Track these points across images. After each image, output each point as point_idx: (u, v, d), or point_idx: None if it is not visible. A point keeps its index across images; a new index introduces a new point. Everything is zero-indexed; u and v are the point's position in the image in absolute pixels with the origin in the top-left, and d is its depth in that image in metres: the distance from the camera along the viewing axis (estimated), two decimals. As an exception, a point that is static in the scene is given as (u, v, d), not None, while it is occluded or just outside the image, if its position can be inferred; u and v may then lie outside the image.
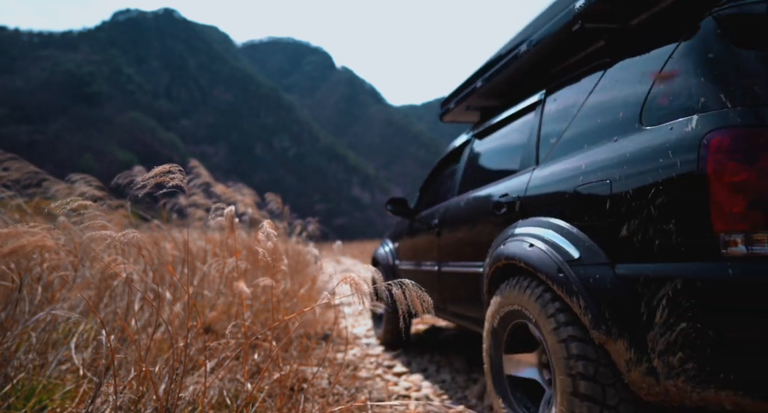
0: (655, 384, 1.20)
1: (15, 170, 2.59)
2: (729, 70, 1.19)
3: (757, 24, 1.26)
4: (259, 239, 1.50)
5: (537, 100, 2.10)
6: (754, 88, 1.13)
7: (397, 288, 1.27)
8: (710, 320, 1.06)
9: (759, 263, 1.02)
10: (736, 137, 1.07)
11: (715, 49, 1.25)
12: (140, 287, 2.64)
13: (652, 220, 1.21)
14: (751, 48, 1.21)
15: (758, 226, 1.03)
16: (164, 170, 1.38)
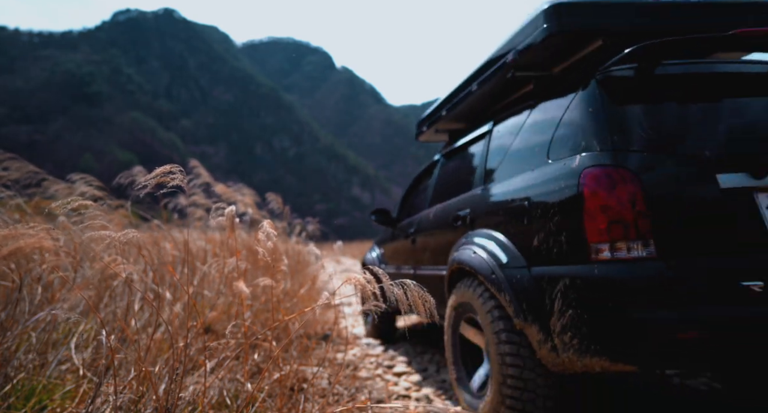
0: (557, 358, 1.57)
1: (15, 169, 2.59)
2: (601, 122, 1.59)
3: (625, 86, 1.67)
4: (259, 239, 1.50)
5: (486, 130, 2.51)
6: (615, 137, 1.54)
7: (398, 289, 1.29)
8: (585, 307, 1.45)
9: (616, 265, 1.42)
10: (601, 172, 1.48)
11: (594, 105, 1.65)
12: (140, 287, 2.64)
13: (551, 233, 1.60)
14: (620, 104, 1.63)
15: (617, 238, 1.43)
16: (165, 170, 1.38)
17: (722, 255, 1.43)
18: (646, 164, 1.49)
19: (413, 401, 2.51)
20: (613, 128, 1.56)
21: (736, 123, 1.64)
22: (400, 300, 1.28)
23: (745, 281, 1.35)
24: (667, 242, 1.42)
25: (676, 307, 1.35)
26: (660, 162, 1.50)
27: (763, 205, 1.47)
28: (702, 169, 1.48)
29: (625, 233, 1.44)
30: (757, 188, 1.48)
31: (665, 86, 1.70)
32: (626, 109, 1.63)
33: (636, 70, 1.67)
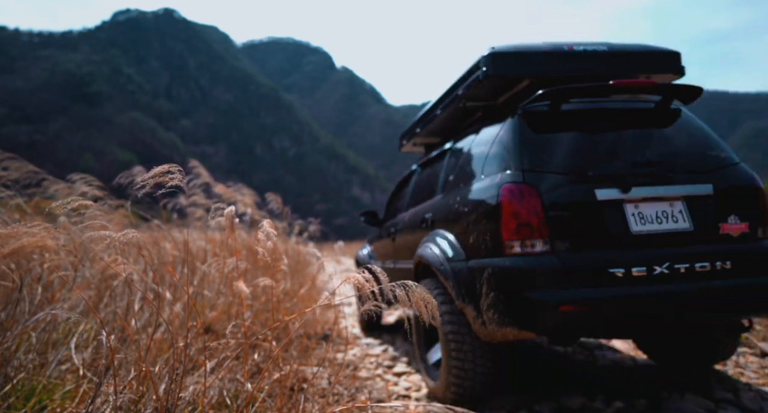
0: (485, 330, 1.99)
1: (15, 169, 2.58)
2: (518, 148, 2.09)
3: (538, 119, 2.18)
4: (259, 239, 1.50)
5: (448, 147, 3.03)
6: (525, 161, 2.04)
7: (400, 289, 1.29)
8: (501, 290, 1.93)
9: (522, 257, 1.90)
10: (514, 187, 1.96)
11: (515, 134, 2.15)
12: (140, 287, 2.64)
13: (481, 233, 2.08)
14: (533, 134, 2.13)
15: (524, 237, 1.90)
16: (164, 170, 1.38)
17: (597, 250, 1.92)
18: (545, 182, 1.98)
19: (413, 401, 2.51)
20: (525, 153, 2.07)
21: (611, 149, 2.17)
22: (402, 301, 1.29)
23: (612, 269, 1.85)
24: (558, 241, 1.91)
25: (562, 289, 1.83)
26: (555, 180, 1.99)
27: (629, 212, 1.98)
28: (585, 185, 1.97)
29: (529, 233, 1.92)
30: (625, 200, 1.98)
31: (564, 120, 2.23)
32: (537, 138, 2.15)
33: (547, 107, 2.20)
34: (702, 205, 2.05)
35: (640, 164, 2.10)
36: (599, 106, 2.31)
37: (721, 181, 2.09)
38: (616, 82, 2.07)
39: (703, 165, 2.14)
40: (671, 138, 2.27)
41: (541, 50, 2.40)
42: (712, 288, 1.88)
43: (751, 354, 3.04)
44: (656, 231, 1.98)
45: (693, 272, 1.89)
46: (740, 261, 1.94)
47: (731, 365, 2.85)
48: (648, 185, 2.02)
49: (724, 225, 2.06)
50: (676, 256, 1.91)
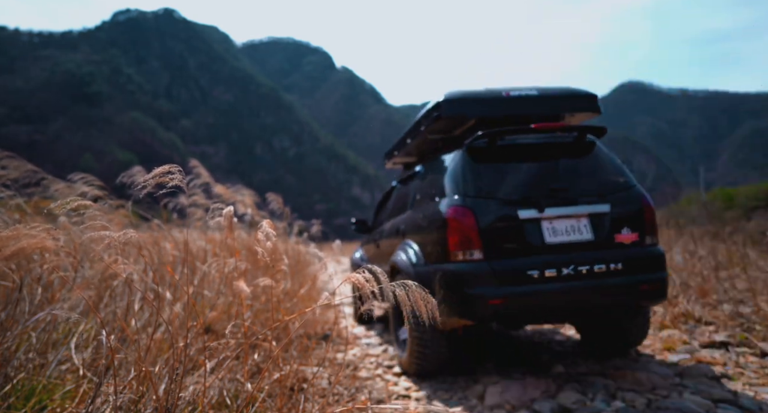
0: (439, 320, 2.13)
1: (14, 168, 2.58)
2: (462, 177, 2.62)
3: (479, 153, 2.71)
4: (259, 239, 1.50)
5: (418, 170, 3.57)
6: (466, 187, 2.58)
7: (400, 289, 1.29)
8: (448, 288, 2.46)
9: (462, 263, 2.43)
10: (457, 209, 2.49)
11: (461, 165, 2.69)
12: (140, 287, 2.63)
13: (434, 243, 2.64)
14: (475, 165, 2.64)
15: (465, 248, 2.42)
16: (164, 170, 1.38)
17: (519, 257, 2.47)
18: (480, 205, 2.52)
19: (413, 401, 2.51)
20: (467, 181, 2.62)
21: (533, 177, 2.69)
22: (402, 301, 1.30)
23: (529, 271, 2.41)
24: (488, 250, 2.46)
25: (490, 286, 2.39)
26: (487, 203, 2.54)
27: (545, 227, 2.53)
28: (510, 207, 2.52)
29: (469, 245, 2.45)
30: (541, 218, 2.53)
31: (499, 154, 2.78)
32: (476, 168, 2.68)
33: (485, 144, 2.76)
34: (602, 220, 2.62)
35: (555, 188, 2.64)
36: (527, 141, 2.87)
37: (617, 201, 2.66)
38: (535, 126, 2.69)
39: (605, 189, 2.71)
40: (582, 166, 2.82)
41: (483, 96, 2.99)
42: (605, 285, 2.49)
43: (751, 354, 3.04)
44: (565, 241, 2.56)
45: (592, 273, 2.47)
46: (630, 263, 2.54)
47: (731, 365, 2.85)
48: (559, 205, 2.57)
49: (618, 235, 2.63)
50: (579, 260, 2.48)
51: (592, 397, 2.40)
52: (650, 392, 2.44)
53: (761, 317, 3.49)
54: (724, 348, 3.17)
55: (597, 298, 2.52)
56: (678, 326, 3.82)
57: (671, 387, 2.50)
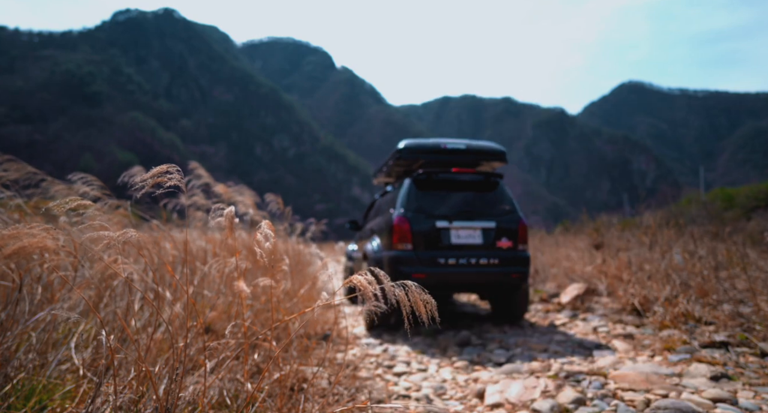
0: None
1: (14, 170, 2.58)
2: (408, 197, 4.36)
3: (421, 182, 4.47)
4: (258, 240, 1.50)
5: (388, 189, 5.27)
6: (407, 205, 4.34)
7: (399, 289, 1.29)
8: (389, 265, 4.16)
9: (400, 252, 4.18)
10: (400, 218, 4.24)
11: (408, 189, 4.43)
12: (140, 287, 2.63)
13: (386, 238, 4.37)
14: (417, 190, 4.40)
15: (402, 242, 4.15)
16: (162, 170, 1.38)
17: (434, 251, 4.14)
18: (414, 217, 4.16)
19: (413, 401, 2.51)
20: (409, 200, 4.22)
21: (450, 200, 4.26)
22: (402, 301, 1.30)
23: (439, 260, 4.11)
24: (416, 245, 4.13)
25: (415, 266, 4.09)
26: (418, 216, 4.16)
27: (452, 233, 4.18)
28: (432, 219, 4.17)
29: (404, 241, 4.11)
30: (451, 227, 4.19)
31: (433, 184, 4.40)
32: (417, 192, 4.27)
33: (425, 177, 4.42)
34: (489, 232, 4.31)
35: (463, 209, 4.36)
36: (452, 178, 4.58)
37: (501, 221, 4.37)
38: (455, 169, 4.54)
39: (495, 212, 4.45)
40: (484, 197, 4.53)
41: (429, 146, 4.70)
42: (487, 272, 4.14)
43: (751, 354, 3.03)
44: (464, 243, 4.25)
45: (479, 264, 4.15)
46: (504, 260, 4.24)
47: (731, 365, 2.85)
48: (463, 220, 4.28)
49: (498, 242, 4.31)
50: (472, 256, 4.16)
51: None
52: (648, 392, 2.44)
53: (761, 317, 3.49)
54: (724, 348, 3.17)
55: (482, 279, 4.21)
56: (678, 326, 3.82)
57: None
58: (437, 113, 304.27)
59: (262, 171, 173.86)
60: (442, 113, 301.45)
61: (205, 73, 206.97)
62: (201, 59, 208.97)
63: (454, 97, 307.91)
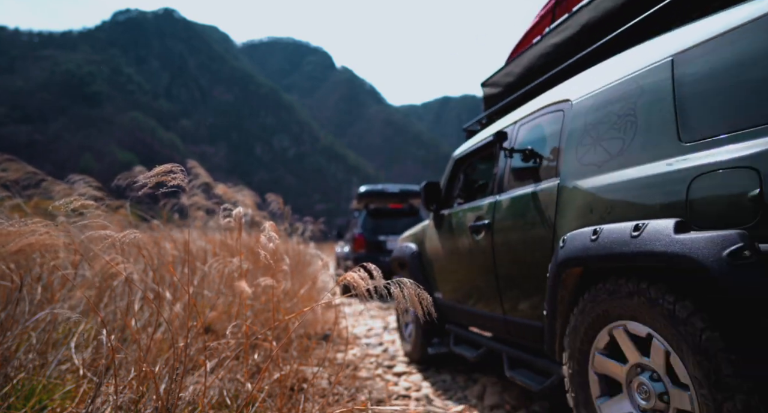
0: None
1: (14, 171, 2.58)
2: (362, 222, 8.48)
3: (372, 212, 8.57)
4: (261, 241, 1.50)
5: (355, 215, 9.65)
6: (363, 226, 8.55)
7: (395, 287, 1.30)
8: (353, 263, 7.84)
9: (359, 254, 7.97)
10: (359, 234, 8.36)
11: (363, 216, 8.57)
12: (140, 287, 2.63)
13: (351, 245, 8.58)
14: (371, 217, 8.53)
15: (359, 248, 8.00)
16: (165, 169, 1.38)
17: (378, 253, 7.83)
18: (367, 233, 7.98)
19: (413, 401, 2.51)
20: (365, 223, 8.13)
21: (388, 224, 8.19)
22: (397, 298, 1.30)
23: (380, 258, 7.38)
24: (368, 250, 7.89)
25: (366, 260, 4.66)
26: (369, 233, 8.01)
27: (388, 243, 7.90)
28: (377, 235, 8.01)
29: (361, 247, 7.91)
30: (387, 240, 7.94)
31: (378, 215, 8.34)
32: (368, 219, 8.20)
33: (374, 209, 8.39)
34: None
35: (394, 229, 7.88)
36: (390, 210, 8.44)
37: None
38: (390, 205, 8.52)
39: None
40: (408, 220, 8.05)
41: (377, 191, 8.37)
42: None
43: (751, 354, 3.03)
44: (392, 248, 7.37)
45: None
46: None
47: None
48: (394, 235, 7.72)
49: None
50: None
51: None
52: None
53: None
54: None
55: None
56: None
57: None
58: (437, 112, 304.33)
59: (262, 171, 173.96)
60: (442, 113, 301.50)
61: (205, 73, 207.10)
62: (201, 59, 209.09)
63: (454, 97, 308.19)
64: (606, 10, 1.92)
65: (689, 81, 1.36)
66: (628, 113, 1.56)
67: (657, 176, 1.37)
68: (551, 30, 2.32)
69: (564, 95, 1.95)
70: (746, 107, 1.19)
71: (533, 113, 2.16)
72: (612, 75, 1.69)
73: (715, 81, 1.29)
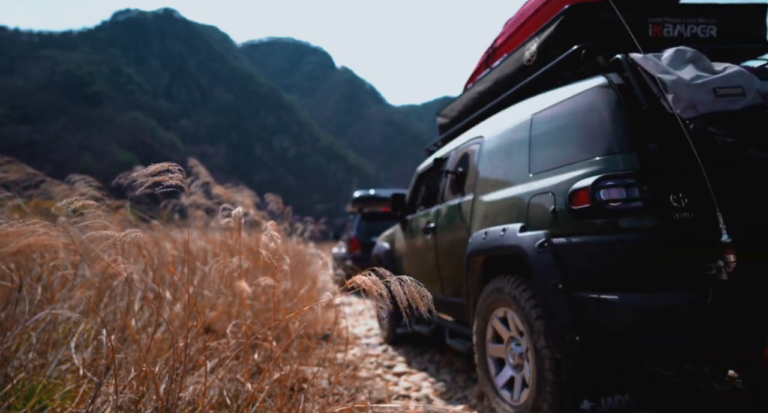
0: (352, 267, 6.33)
1: (14, 171, 2.58)
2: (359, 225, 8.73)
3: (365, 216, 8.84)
4: (263, 241, 1.50)
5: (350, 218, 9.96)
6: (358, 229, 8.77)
7: (398, 286, 1.30)
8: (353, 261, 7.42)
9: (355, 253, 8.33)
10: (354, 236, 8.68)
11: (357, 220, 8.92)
12: (140, 287, 2.63)
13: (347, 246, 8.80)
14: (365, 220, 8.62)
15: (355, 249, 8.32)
16: (163, 167, 1.38)
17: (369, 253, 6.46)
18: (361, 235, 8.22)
19: (413, 401, 2.51)
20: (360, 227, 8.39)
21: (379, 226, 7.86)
22: (399, 296, 1.30)
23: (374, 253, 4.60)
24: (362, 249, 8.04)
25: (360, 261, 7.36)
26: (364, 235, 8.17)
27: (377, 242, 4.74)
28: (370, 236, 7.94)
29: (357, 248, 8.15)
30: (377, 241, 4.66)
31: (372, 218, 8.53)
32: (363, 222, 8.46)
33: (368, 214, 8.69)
34: None
35: None
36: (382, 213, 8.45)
37: None
38: (383, 209, 8.55)
39: None
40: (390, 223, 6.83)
41: (370, 196, 8.79)
42: None
43: (751, 354, 3.03)
44: None
45: None
46: None
47: (731, 365, 2.85)
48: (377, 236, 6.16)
49: None
50: None
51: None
52: (650, 392, 2.44)
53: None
54: (725, 348, 3.16)
55: None
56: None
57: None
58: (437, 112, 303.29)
59: (262, 171, 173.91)
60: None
61: (205, 73, 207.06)
62: (201, 59, 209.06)
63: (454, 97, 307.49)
64: (506, 74, 2.61)
65: (535, 134, 2.08)
66: (509, 151, 2.26)
67: (516, 196, 2.08)
68: (479, 79, 3.05)
69: (480, 132, 2.68)
70: (555, 155, 1.91)
71: (463, 143, 2.89)
72: (504, 124, 2.42)
73: (545, 136, 2.02)
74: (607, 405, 1.65)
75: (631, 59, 1.69)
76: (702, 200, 1.47)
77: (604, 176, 1.59)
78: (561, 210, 1.74)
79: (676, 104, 1.53)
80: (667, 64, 1.63)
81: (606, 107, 1.71)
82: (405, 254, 3.55)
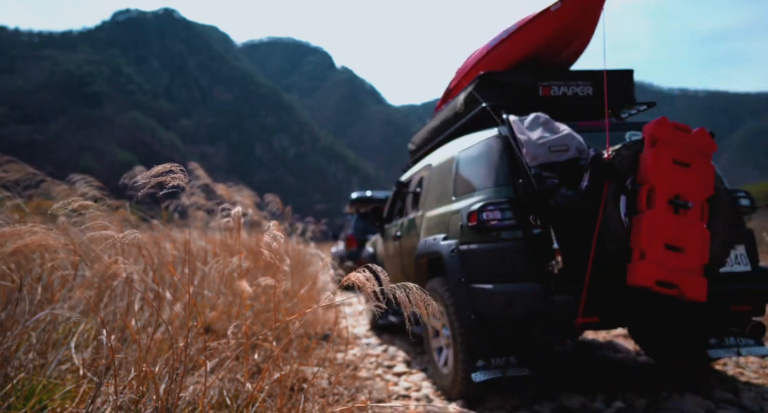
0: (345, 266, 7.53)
1: (14, 171, 2.58)
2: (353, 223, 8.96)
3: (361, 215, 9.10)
4: (265, 241, 1.50)
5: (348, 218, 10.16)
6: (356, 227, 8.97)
7: (401, 291, 1.29)
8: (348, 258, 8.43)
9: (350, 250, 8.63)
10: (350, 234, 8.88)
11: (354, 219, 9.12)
12: (140, 287, 2.63)
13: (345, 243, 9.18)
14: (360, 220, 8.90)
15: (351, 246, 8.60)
16: (165, 169, 1.38)
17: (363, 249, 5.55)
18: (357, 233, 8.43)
19: (413, 401, 2.51)
20: (356, 225, 8.65)
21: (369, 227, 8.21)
22: (402, 303, 1.31)
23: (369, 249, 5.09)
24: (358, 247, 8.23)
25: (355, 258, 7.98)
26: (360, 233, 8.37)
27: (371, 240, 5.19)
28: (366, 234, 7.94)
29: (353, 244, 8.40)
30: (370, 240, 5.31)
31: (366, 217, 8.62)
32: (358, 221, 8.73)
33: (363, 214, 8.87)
34: None
35: None
36: None
37: None
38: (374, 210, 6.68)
39: None
40: None
41: (366, 197, 8.89)
42: None
43: (751, 354, 3.03)
44: None
45: None
46: None
47: (731, 365, 2.85)
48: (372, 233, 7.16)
49: None
50: None
51: (593, 397, 2.40)
52: (651, 392, 2.44)
53: (761, 317, 3.49)
54: (725, 348, 3.17)
55: None
56: (678, 326, 3.81)
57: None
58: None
59: (262, 171, 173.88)
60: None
61: (205, 73, 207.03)
62: (201, 59, 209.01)
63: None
64: (447, 117, 3.30)
65: (458, 167, 2.76)
66: (444, 178, 2.92)
67: (443, 213, 2.73)
68: (435, 115, 3.68)
69: (430, 161, 3.36)
70: (467, 184, 2.60)
71: (419, 169, 3.60)
72: (443, 155, 3.08)
73: (464, 169, 2.69)
74: (495, 363, 2.21)
75: (508, 120, 2.36)
76: (543, 220, 2.14)
77: (487, 203, 2.25)
78: (464, 225, 2.37)
79: (526, 156, 2.22)
80: (526, 126, 2.32)
81: (496, 152, 2.41)
82: (384, 257, 4.22)
